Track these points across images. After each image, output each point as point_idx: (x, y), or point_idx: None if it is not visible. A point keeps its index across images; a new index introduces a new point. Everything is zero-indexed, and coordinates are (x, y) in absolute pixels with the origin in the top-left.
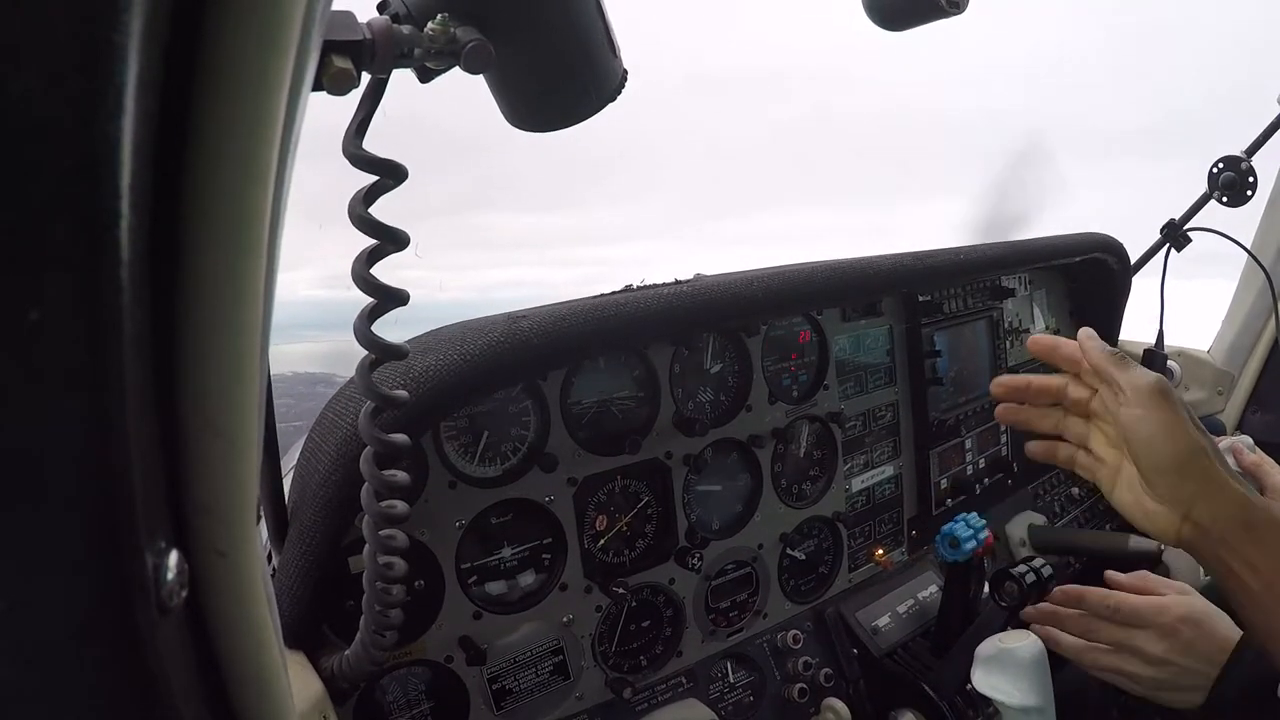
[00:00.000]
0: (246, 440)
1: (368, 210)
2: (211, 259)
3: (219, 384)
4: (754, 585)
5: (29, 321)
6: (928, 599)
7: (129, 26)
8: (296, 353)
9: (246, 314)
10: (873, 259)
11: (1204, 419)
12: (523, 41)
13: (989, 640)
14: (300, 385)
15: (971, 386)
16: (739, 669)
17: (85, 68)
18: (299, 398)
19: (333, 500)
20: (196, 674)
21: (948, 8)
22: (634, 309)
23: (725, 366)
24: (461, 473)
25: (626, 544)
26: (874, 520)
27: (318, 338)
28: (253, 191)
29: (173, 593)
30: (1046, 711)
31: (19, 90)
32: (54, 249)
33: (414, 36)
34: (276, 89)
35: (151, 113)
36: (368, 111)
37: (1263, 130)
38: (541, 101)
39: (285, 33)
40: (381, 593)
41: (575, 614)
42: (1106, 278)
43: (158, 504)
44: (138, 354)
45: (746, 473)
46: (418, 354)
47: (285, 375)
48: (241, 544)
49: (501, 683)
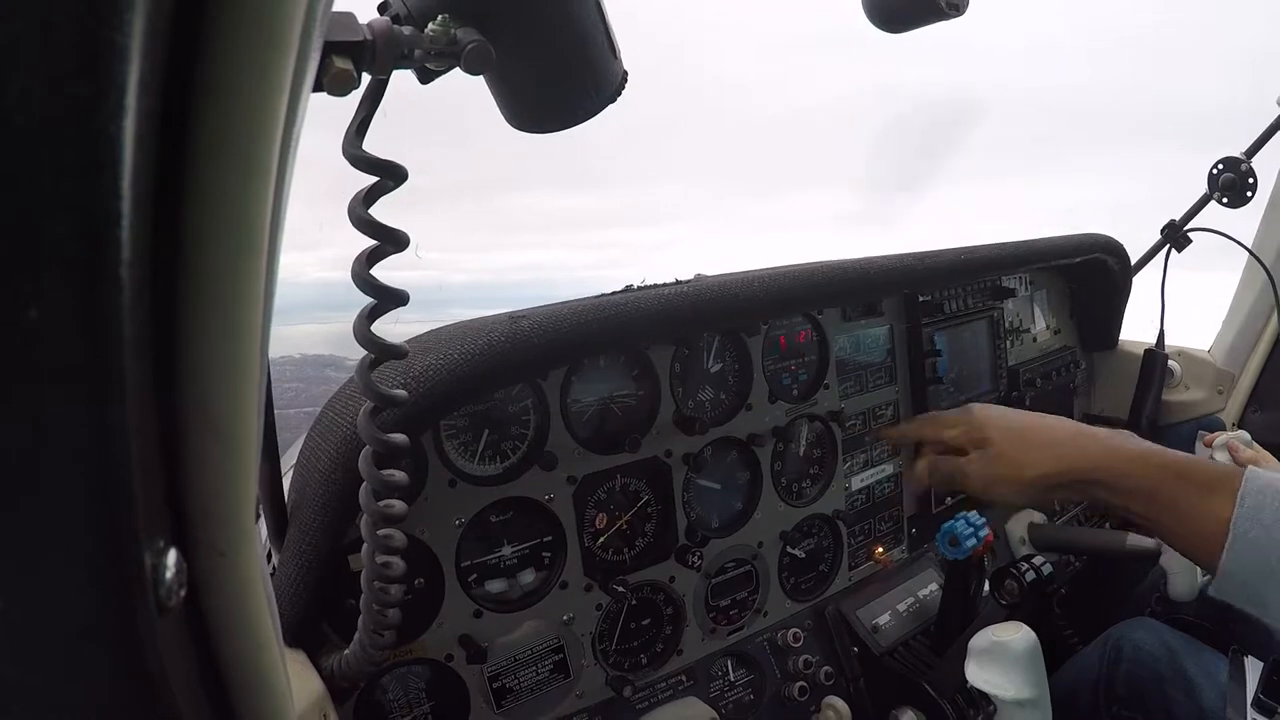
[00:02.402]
0: (246, 440)
1: (367, 211)
2: (212, 258)
3: (219, 383)
4: (754, 583)
5: (28, 320)
6: (928, 597)
7: (131, 26)
8: (305, 334)
9: (246, 313)
10: (874, 259)
11: (1204, 418)
12: (523, 43)
13: (982, 633)
14: (309, 368)
15: (971, 386)
16: (739, 667)
17: (87, 67)
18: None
19: (332, 499)
20: (196, 673)
21: (948, 10)
22: (634, 309)
23: (725, 366)
24: (461, 471)
25: (626, 542)
26: (874, 518)
27: (326, 319)
28: (253, 191)
29: (172, 592)
30: (1041, 704)
31: (20, 89)
32: (54, 247)
33: (414, 37)
34: (277, 89)
35: (152, 112)
36: (368, 112)
37: (1262, 132)
38: (541, 103)
39: (286, 33)
40: (380, 592)
41: (575, 612)
42: (1107, 278)
43: (157, 504)
44: (137, 353)
45: (746, 471)
46: (417, 353)
47: (294, 358)
48: (241, 543)
49: (502, 681)
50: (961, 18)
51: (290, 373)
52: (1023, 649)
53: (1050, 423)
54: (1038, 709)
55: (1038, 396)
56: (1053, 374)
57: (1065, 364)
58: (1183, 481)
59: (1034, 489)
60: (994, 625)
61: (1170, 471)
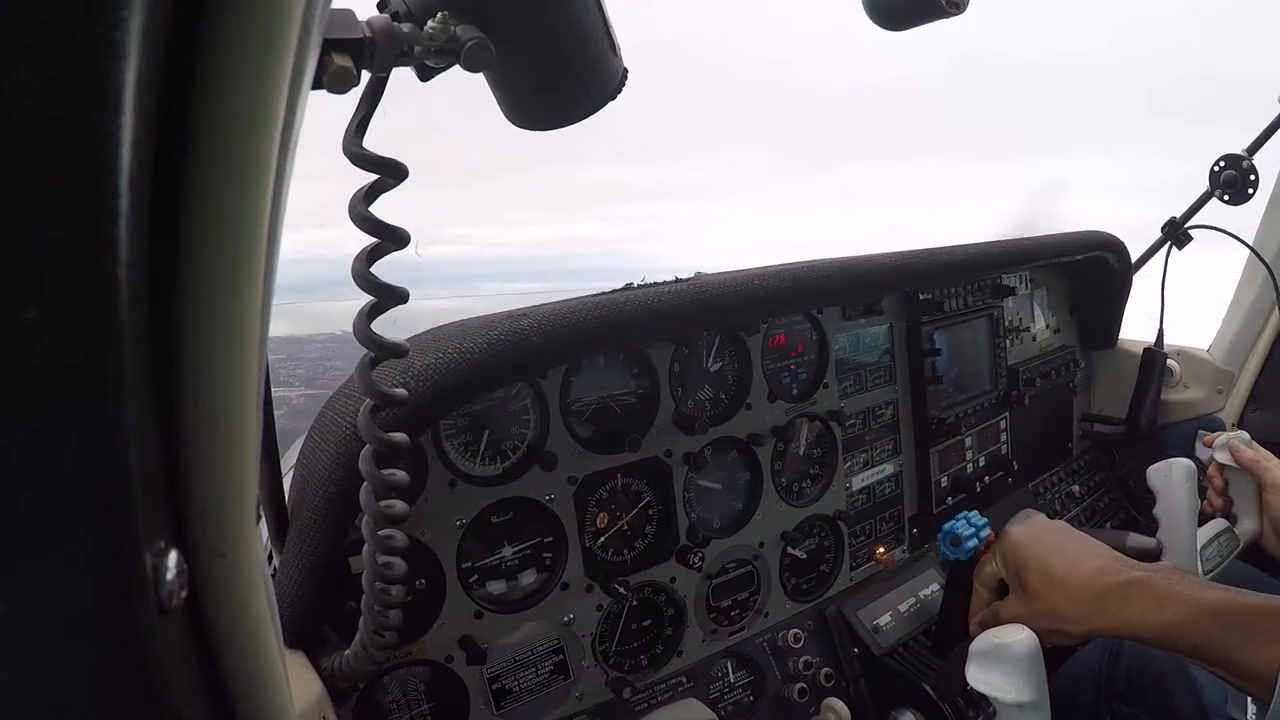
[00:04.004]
0: (246, 440)
1: (368, 209)
2: (211, 258)
3: (218, 383)
4: (755, 584)
5: (27, 320)
6: (929, 597)
7: (129, 24)
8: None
9: (246, 312)
10: (873, 257)
11: (1203, 417)
12: (523, 40)
13: (983, 635)
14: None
15: (971, 385)
16: (739, 668)
17: (85, 66)
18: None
19: (332, 499)
20: (196, 674)
21: (948, 8)
22: (634, 307)
23: (725, 365)
24: (462, 471)
25: (627, 543)
26: (875, 518)
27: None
28: (252, 189)
29: (172, 593)
30: (1041, 707)
31: (19, 88)
32: (52, 247)
33: (414, 35)
34: (277, 87)
35: (151, 111)
36: (368, 110)
37: (1264, 129)
38: (541, 100)
39: (285, 30)
40: (380, 593)
41: (576, 613)
42: (1107, 276)
43: (157, 504)
44: (137, 353)
45: (747, 471)
46: (417, 352)
47: (336, 335)
48: (241, 544)
49: (501, 682)
50: (960, 16)
51: (334, 350)
52: (1023, 651)
53: (1084, 571)
54: (1038, 712)
55: (1037, 396)
56: (1052, 373)
57: (1065, 363)
58: (1228, 631)
59: (1078, 639)
60: (995, 628)
61: (1217, 622)
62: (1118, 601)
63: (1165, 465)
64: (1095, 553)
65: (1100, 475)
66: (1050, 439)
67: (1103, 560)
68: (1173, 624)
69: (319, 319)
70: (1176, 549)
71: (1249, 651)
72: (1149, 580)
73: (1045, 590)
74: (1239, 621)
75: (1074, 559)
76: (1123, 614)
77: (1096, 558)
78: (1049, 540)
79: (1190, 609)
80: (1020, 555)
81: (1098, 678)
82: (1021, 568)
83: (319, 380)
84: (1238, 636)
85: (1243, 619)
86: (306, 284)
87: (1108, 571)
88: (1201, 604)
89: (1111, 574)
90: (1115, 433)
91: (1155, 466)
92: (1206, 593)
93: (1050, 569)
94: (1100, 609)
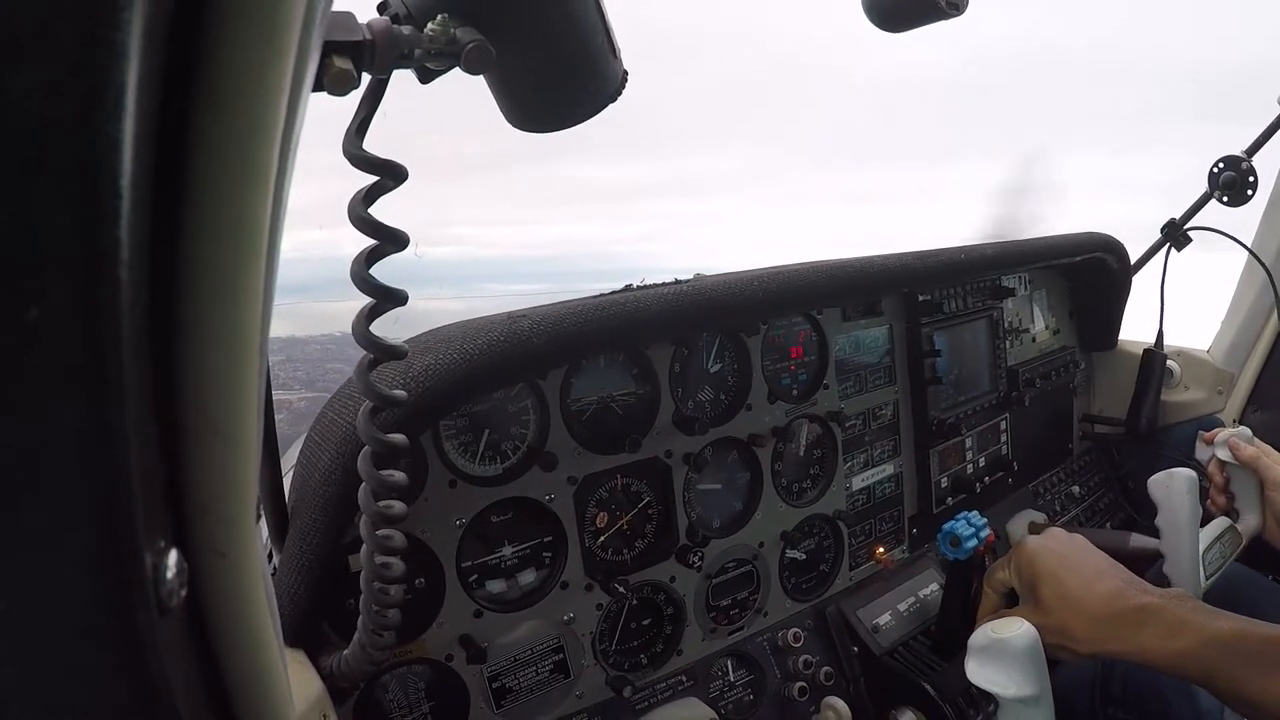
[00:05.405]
0: (246, 440)
1: (367, 211)
2: (211, 258)
3: (218, 383)
4: (755, 583)
5: (28, 320)
6: (929, 597)
7: (130, 25)
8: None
9: (246, 313)
10: (873, 258)
11: (1203, 418)
12: (523, 42)
13: (981, 630)
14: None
15: (971, 386)
16: (739, 667)
17: (86, 67)
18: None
19: (332, 500)
20: (196, 673)
21: (947, 9)
22: (634, 308)
23: (725, 366)
24: (462, 471)
25: (627, 542)
26: (874, 519)
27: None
28: (253, 191)
29: (172, 593)
30: (1043, 700)
31: (19, 88)
32: (53, 247)
33: (414, 37)
34: (277, 89)
35: (152, 112)
36: (368, 112)
37: (1263, 130)
38: (541, 101)
39: (286, 33)
40: (379, 593)
41: (576, 612)
42: (1107, 277)
43: (157, 504)
44: (137, 353)
45: (747, 471)
46: (417, 353)
47: (336, 336)
48: (241, 544)
49: (501, 681)
50: (959, 17)
51: (335, 351)
52: (1023, 645)
53: (1099, 593)
54: (1040, 706)
55: (1037, 397)
56: (1052, 374)
57: (1064, 364)
58: (1240, 661)
59: (1084, 658)
60: (993, 621)
61: (1229, 652)
62: (1131, 627)
63: (1166, 476)
64: (1111, 574)
65: (1100, 476)
66: (1050, 440)
67: (1118, 582)
68: (1185, 653)
69: (319, 319)
70: (1179, 560)
71: (1261, 682)
72: (1163, 608)
73: (1057, 605)
74: (1252, 652)
75: (1090, 578)
76: (1135, 640)
77: (1112, 579)
78: (1066, 555)
79: (1203, 638)
80: (1035, 567)
81: (1092, 682)
82: (1035, 580)
83: (320, 382)
84: (1250, 667)
85: (1256, 649)
86: (307, 284)
87: (1123, 595)
88: (1215, 634)
89: (1126, 598)
90: (1115, 434)
91: (1156, 477)
92: (1219, 622)
93: (1064, 585)
94: (1112, 632)
